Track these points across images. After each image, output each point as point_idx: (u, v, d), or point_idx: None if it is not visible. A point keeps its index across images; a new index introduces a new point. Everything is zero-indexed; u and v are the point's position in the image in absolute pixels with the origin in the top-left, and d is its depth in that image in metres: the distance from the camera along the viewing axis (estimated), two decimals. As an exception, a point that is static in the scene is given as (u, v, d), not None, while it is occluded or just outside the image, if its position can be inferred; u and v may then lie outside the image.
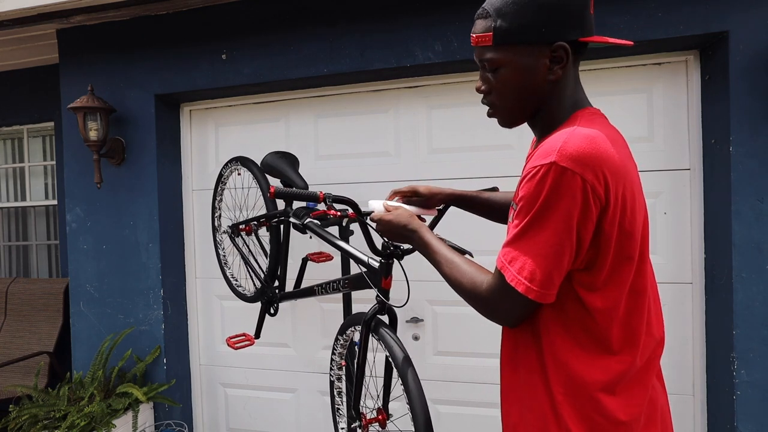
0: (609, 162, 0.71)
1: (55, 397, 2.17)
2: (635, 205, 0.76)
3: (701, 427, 1.96)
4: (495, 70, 0.80)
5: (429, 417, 1.19)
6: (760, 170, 1.73)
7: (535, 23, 0.74)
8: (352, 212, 1.34)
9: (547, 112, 0.83)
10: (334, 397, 1.68)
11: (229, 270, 2.22)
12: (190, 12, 2.28)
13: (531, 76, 0.78)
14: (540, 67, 0.77)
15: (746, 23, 1.73)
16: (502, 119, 0.87)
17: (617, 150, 0.74)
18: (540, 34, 0.75)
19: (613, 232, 0.73)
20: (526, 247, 0.73)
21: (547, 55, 0.76)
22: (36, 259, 3.31)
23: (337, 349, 1.62)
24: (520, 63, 0.77)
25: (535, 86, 0.79)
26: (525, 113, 0.84)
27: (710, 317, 1.91)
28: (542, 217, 0.71)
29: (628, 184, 0.74)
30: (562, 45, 0.75)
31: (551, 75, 0.78)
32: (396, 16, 2.05)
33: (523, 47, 0.76)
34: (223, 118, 2.53)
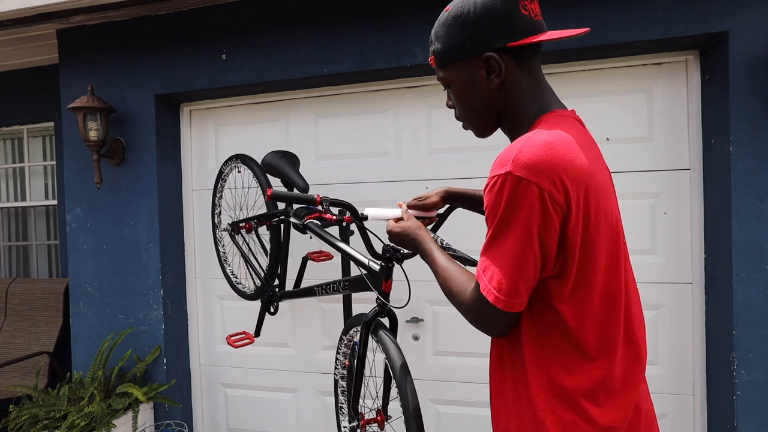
0: (567, 168, 0.71)
1: (55, 397, 2.17)
2: (600, 209, 0.75)
3: (701, 426, 1.96)
4: (447, 86, 0.87)
5: (422, 426, 1.19)
6: (760, 170, 1.73)
7: (460, 41, 0.80)
8: (348, 216, 1.34)
9: (509, 119, 0.85)
10: (338, 396, 1.68)
11: (229, 267, 2.22)
12: (190, 12, 2.28)
13: (474, 88, 0.82)
14: (479, 79, 0.81)
15: (746, 23, 1.73)
16: (472, 130, 0.91)
17: (581, 153, 0.74)
18: (466, 50, 0.80)
19: (577, 238, 0.73)
20: (494, 256, 0.75)
21: (482, 66, 0.80)
22: (36, 259, 3.31)
23: (341, 349, 1.63)
24: (461, 78, 0.83)
25: (483, 97, 0.83)
26: (487, 123, 0.87)
27: (710, 317, 1.91)
28: (504, 227, 0.73)
29: (592, 188, 0.73)
30: (490, 56, 0.78)
31: (491, 84, 0.81)
32: (396, 16, 2.05)
33: (458, 63, 0.82)
34: (223, 118, 2.53)
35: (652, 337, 2.00)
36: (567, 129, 0.76)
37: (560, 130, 0.75)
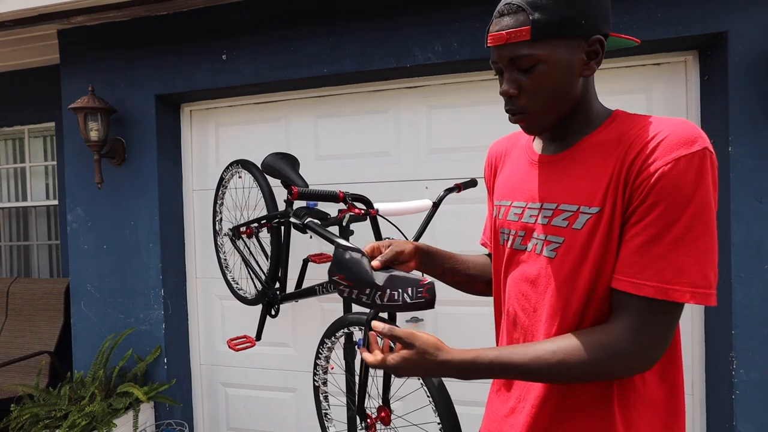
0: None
1: (56, 396, 2.18)
2: None
3: (700, 426, 1.96)
4: (531, 68, 0.72)
5: (452, 404, 1.20)
6: (759, 170, 1.73)
7: (575, 15, 0.69)
8: (372, 210, 1.38)
9: (580, 111, 0.77)
10: (320, 402, 1.68)
11: (230, 273, 2.23)
12: (190, 12, 2.29)
13: (569, 73, 0.72)
14: (577, 63, 0.72)
15: (745, 23, 1.73)
16: (534, 125, 0.77)
17: None
18: (580, 27, 0.70)
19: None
20: (692, 248, 0.64)
21: (584, 49, 0.72)
22: (37, 259, 3.32)
23: (323, 353, 1.62)
24: (559, 58, 0.71)
25: (572, 84, 0.73)
26: (560, 115, 0.76)
27: (709, 317, 1.92)
28: (704, 212, 0.65)
29: None
30: (598, 38, 0.72)
31: (587, 70, 0.73)
32: (396, 16, 2.06)
33: (562, 41, 0.70)
34: (223, 118, 2.53)
35: (652, 337, 2.01)
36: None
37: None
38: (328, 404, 1.68)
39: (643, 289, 0.65)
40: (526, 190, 0.83)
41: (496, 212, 0.91)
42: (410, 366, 0.75)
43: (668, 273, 0.64)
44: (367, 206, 1.32)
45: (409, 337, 0.75)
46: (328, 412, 1.68)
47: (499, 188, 0.92)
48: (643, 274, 0.65)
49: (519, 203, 0.84)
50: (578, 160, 0.75)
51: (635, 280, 0.66)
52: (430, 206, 1.62)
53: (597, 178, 0.71)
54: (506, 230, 0.87)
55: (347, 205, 1.25)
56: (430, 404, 1.22)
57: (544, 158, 0.82)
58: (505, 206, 0.87)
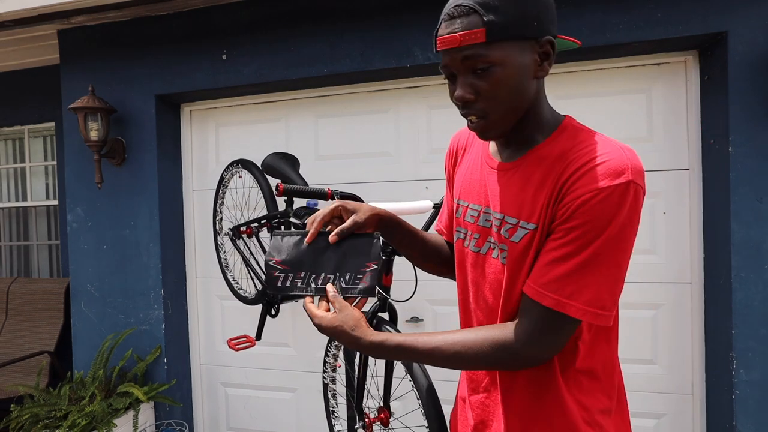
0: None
1: (56, 396, 2.18)
2: None
3: (700, 426, 1.96)
4: (485, 70, 0.70)
5: (440, 407, 1.19)
6: (759, 170, 1.73)
7: (527, 17, 0.69)
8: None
9: (532, 115, 0.77)
10: (329, 400, 1.68)
11: (231, 273, 2.23)
12: (190, 12, 2.29)
13: (524, 75, 0.72)
14: (531, 64, 0.72)
15: (745, 23, 1.73)
16: (492, 129, 0.76)
17: None
18: (532, 28, 0.70)
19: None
20: (596, 273, 0.69)
21: (536, 50, 0.72)
22: (37, 259, 3.32)
23: (330, 351, 1.62)
24: (514, 60, 0.70)
25: (528, 86, 0.73)
26: (514, 118, 0.75)
27: (709, 317, 1.92)
28: (617, 241, 0.68)
29: None
30: (549, 39, 0.72)
31: (541, 71, 0.73)
32: (396, 16, 2.06)
33: (516, 43, 0.70)
34: (223, 118, 2.53)
35: (652, 337, 2.01)
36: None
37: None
38: (336, 402, 1.68)
39: (544, 299, 0.70)
40: (482, 194, 0.85)
41: (456, 210, 0.93)
42: (329, 328, 0.78)
43: (568, 289, 0.69)
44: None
45: (340, 307, 0.79)
46: (335, 410, 1.68)
47: (458, 186, 0.94)
48: (548, 286, 0.70)
49: (475, 206, 0.86)
50: (524, 173, 0.77)
51: (540, 289, 0.71)
52: (429, 207, 1.61)
53: (536, 194, 0.74)
54: (463, 230, 0.89)
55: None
56: (419, 406, 1.22)
57: (496, 164, 0.83)
58: (464, 206, 0.90)
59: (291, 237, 0.85)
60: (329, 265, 0.81)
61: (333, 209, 0.85)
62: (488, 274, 0.83)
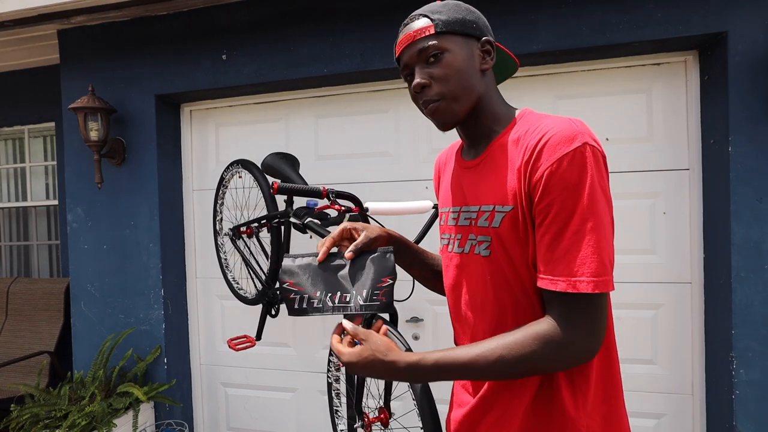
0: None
1: (56, 396, 2.18)
2: None
3: (700, 426, 1.96)
4: (437, 57, 0.81)
5: (434, 407, 1.19)
6: (759, 170, 1.73)
7: (467, 19, 0.83)
8: (355, 207, 1.36)
9: (486, 108, 0.85)
10: (332, 399, 1.68)
11: (231, 273, 2.23)
12: (190, 12, 2.29)
13: (470, 62, 0.82)
14: (475, 56, 0.83)
15: (745, 23, 1.73)
16: (447, 112, 0.83)
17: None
18: (472, 28, 0.82)
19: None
20: (589, 238, 0.69)
21: (478, 47, 0.83)
22: (37, 259, 3.32)
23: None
24: (460, 49, 0.82)
25: (474, 74, 0.83)
26: (468, 105, 0.83)
27: (709, 317, 1.92)
28: (594, 202, 0.70)
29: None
30: (488, 39, 0.84)
31: (484, 64, 0.84)
32: (396, 16, 2.05)
33: (460, 38, 0.82)
34: (223, 118, 2.53)
35: (652, 337, 2.01)
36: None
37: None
38: (339, 402, 1.68)
39: (557, 285, 0.70)
40: (458, 195, 0.90)
41: (440, 219, 0.97)
42: (362, 360, 0.76)
43: (573, 266, 0.69)
44: (355, 204, 1.31)
45: (365, 336, 0.78)
46: (339, 410, 1.68)
47: (440, 197, 1.00)
48: (556, 270, 0.71)
49: (454, 208, 0.90)
50: (490, 163, 0.82)
51: (551, 276, 0.71)
52: (429, 207, 1.61)
53: (504, 178, 0.78)
54: (447, 235, 0.93)
55: (331, 201, 1.24)
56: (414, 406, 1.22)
57: (466, 163, 0.89)
58: (445, 212, 0.94)
59: (302, 258, 0.85)
60: (345, 283, 0.81)
61: (342, 230, 0.89)
62: (473, 271, 0.85)
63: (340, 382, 1.68)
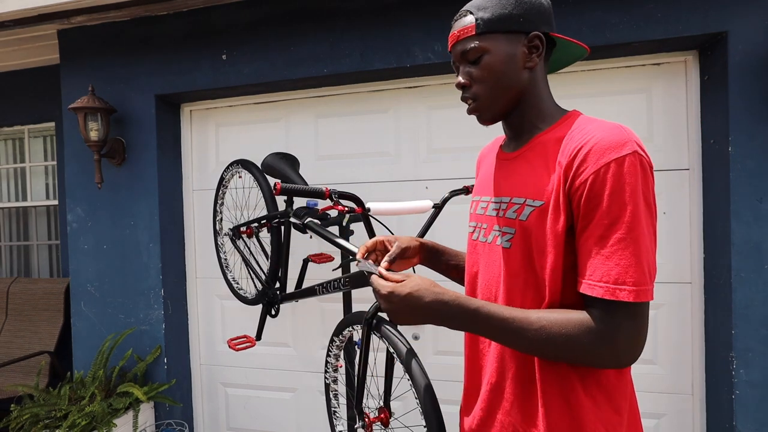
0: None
1: (56, 396, 2.18)
2: None
3: (700, 426, 1.96)
4: (478, 59, 0.83)
5: (438, 406, 1.19)
6: (758, 170, 1.73)
7: (513, 14, 0.81)
8: (358, 208, 1.36)
9: (528, 106, 0.85)
10: (330, 400, 1.68)
11: (231, 273, 2.23)
12: (190, 12, 2.29)
13: (512, 63, 0.82)
14: (519, 55, 0.82)
15: (745, 23, 1.73)
16: (484, 111, 0.86)
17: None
18: (518, 24, 0.81)
19: None
20: (630, 247, 0.68)
21: (524, 43, 0.82)
22: (37, 259, 3.32)
23: (332, 351, 1.62)
24: (501, 50, 0.81)
25: (516, 74, 0.83)
26: (507, 103, 0.85)
27: (709, 317, 1.92)
28: (638, 210, 0.69)
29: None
30: (537, 34, 0.82)
31: (529, 62, 0.83)
32: (396, 16, 2.06)
33: (503, 35, 0.81)
34: (223, 118, 2.53)
35: (652, 337, 2.01)
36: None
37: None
38: (337, 402, 1.68)
39: (595, 290, 0.70)
40: (491, 186, 0.91)
41: (470, 208, 0.99)
42: (408, 291, 0.79)
43: (614, 273, 0.68)
44: (357, 204, 1.30)
45: (406, 275, 0.83)
46: (337, 410, 1.68)
47: (475, 187, 1.02)
48: (594, 275, 0.70)
49: (485, 198, 0.92)
50: (528, 158, 0.83)
51: (589, 281, 0.71)
52: (429, 207, 1.61)
53: (541, 174, 0.78)
54: (473, 223, 0.95)
55: (333, 202, 1.24)
56: (417, 405, 1.22)
57: (504, 155, 0.91)
58: (476, 201, 0.96)
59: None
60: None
61: (376, 242, 0.99)
62: (491, 261, 0.86)
63: (338, 382, 1.68)
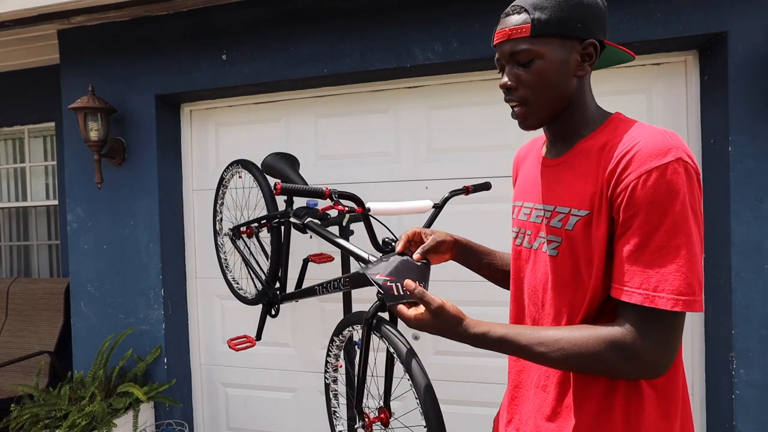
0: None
1: (56, 396, 2.18)
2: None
3: (700, 426, 1.96)
4: (529, 62, 0.78)
5: (438, 406, 1.19)
6: (758, 170, 1.73)
7: (572, 18, 0.76)
8: (358, 208, 1.36)
9: (575, 111, 0.82)
10: (330, 400, 1.68)
11: (231, 273, 2.23)
12: (190, 12, 2.29)
13: (563, 70, 0.78)
14: (572, 62, 0.78)
15: (745, 23, 1.73)
16: (530, 117, 0.83)
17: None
18: (576, 29, 0.77)
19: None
20: (672, 257, 0.67)
21: (578, 50, 0.78)
22: (37, 259, 3.32)
23: (332, 351, 1.62)
24: (554, 55, 0.77)
25: (566, 81, 0.79)
26: (554, 110, 0.82)
27: (709, 317, 1.92)
28: (683, 220, 0.67)
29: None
30: (592, 42, 0.78)
31: (580, 71, 0.79)
32: (396, 16, 2.06)
33: (558, 40, 0.77)
34: (223, 118, 2.53)
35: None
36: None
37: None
38: (337, 402, 1.68)
39: (633, 297, 0.69)
40: (534, 192, 0.89)
41: (512, 212, 0.98)
42: (429, 326, 0.82)
43: (654, 280, 0.67)
44: (357, 204, 1.30)
45: (438, 308, 0.81)
46: (337, 410, 1.68)
47: (516, 190, 1.00)
48: (632, 282, 0.69)
49: (528, 204, 0.90)
50: (572, 165, 0.81)
51: (626, 287, 0.70)
52: (429, 207, 1.61)
53: (584, 182, 0.77)
54: (517, 229, 0.93)
55: (333, 202, 1.24)
56: (417, 405, 1.22)
57: (547, 162, 0.88)
58: (518, 206, 0.94)
59: (381, 260, 1.03)
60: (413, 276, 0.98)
61: (414, 233, 1.04)
62: (538, 268, 0.85)
63: (338, 383, 1.68)
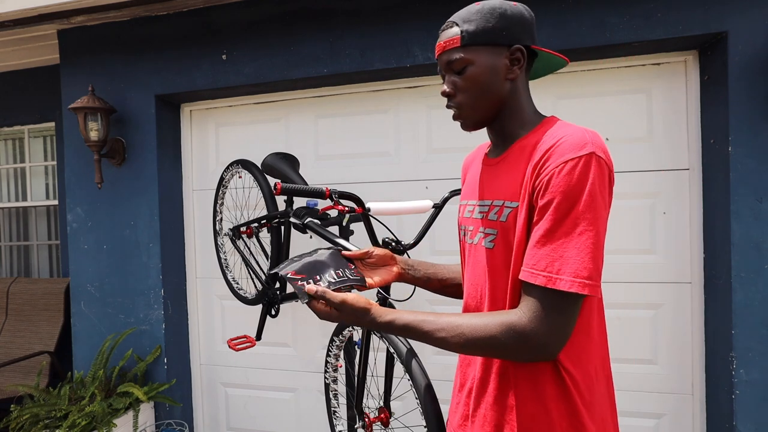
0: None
1: (56, 396, 2.18)
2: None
3: (700, 426, 1.96)
4: (462, 69, 0.87)
5: (438, 406, 1.19)
6: (759, 170, 1.73)
7: (497, 27, 0.84)
8: (358, 208, 1.36)
9: (510, 114, 0.89)
10: (330, 400, 1.68)
11: (231, 273, 2.23)
12: (190, 12, 2.29)
13: (494, 74, 0.86)
14: (501, 67, 0.86)
15: (745, 24, 1.73)
16: (467, 119, 0.90)
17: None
18: (502, 37, 0.84)
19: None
20: (575, 242, 0.72)
21: (507, 56, 0.85)
22: (37, 259, 3.32)
23: (332, 351, 1.62)
24: (484, 61, 0.85)
25: (498, 85, 0.86)
26: (489, 112, 0.89)
27: (709, 317, 1.92)
28: (589, 209, 0.73)
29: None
30: (519, 47, 0.85)
31: (510, 74, 0.86)
32: (396, 16, 2.06)
33: (487, 48, 0.85)
34: (223, 118, 2.53)
35: (652, 337, 2.01)
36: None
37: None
38: (337, 402, 1.69)
39: (537, 278, 0.74)
40: (476, 190, 0.96)
41: (458, 212, 1.03)
42: (336, 318, 0.88)
43: (557, 264, 0.72)
44: (357, 204, 1.31)
45: (340, 303, 0.87)
46: (337, 410, 1.68)
47: (462, 191, 1.07)
48: (538, 265, 0.74)
49: (471, 202, 0.96)
50: (509, 162, 0.87)
51: (532, 270, 0.75)
52: (429, 207, 1.61)
53: (516, 176, 0.83)
54: (462, 227, 0.99)
55: (334, 202, 1.25)
56: (417, 405, 1.22)
57: (488, 161, 0.95)
58: (463, 206, 1.01)
59: (293, 260, 1.01)
60: (335, 263, 1.00)
61: (365, 252, 1.08)
62: (477, 262, 0.90)
63: (337, 382, 1.68)
